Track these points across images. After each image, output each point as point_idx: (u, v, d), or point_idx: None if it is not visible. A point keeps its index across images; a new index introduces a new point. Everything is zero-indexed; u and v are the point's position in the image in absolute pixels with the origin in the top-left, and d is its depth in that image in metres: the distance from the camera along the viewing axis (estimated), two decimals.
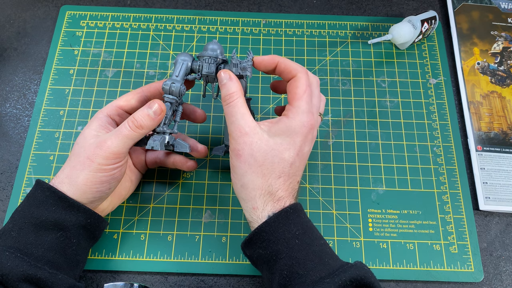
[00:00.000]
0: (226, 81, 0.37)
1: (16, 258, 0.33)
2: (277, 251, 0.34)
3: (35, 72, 0.55)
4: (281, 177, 0.35)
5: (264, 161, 0.35)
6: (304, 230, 0.35)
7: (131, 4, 0.60)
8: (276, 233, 0.34)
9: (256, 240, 0.35)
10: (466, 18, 0.60)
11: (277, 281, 0.34)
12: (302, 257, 0.33)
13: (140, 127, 0.37)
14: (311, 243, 0.34)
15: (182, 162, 0.45)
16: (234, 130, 0.36)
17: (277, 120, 0.37)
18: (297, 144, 0.36)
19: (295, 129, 0.36)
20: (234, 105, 0.36)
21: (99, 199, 0.39)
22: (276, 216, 0.34)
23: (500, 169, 0.51)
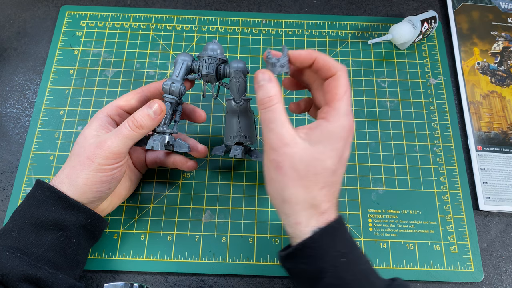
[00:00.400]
0: (264, 83, 0.34)
1: (16, 258, 0.33)
2: (322, 269, 0.32)
3: (35, 72, 0.55)
4: (325, 188, 0.33)
5: (306, 173, 0.32)
6: (351, 247, 0.33)
7: (131, 4, 0.60)
8: (322, 250, 0.32)
9: (299, 255, 0.33)
10: (466, 18, 0.60)
11: None
12: (349, 277, 0.32)
13: (140, 127, 0.37)
14: (357, 261, 0.33)
15: (182, 162, 0.45)
16: (274, 140, 0.33)
17: (316, 125, 0.34)
18: (339, 150, 0.33)
19: (337, 134, 0.33)
20: (275, 110, 0.33)
21: (99, 199, 0.39)
22: (322, 232, 0.32)
23: (500, 169, 0.51)
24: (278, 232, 0.47)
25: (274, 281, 0.45)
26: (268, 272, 0.45)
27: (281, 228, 0.47)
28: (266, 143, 0.34)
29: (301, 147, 0.33)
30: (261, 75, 0.35)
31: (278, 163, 0.33)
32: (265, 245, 0.46)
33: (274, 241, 0.46)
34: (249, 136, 0.44)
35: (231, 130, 0.44)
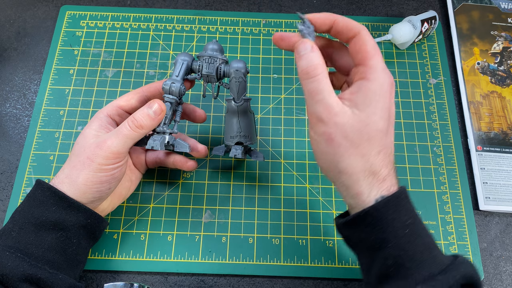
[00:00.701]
0: (306, 52, 0.32)
1: (17, 258, 0.33)
2: (383, 239, 0.31)
3: (35, 72, 0.55)
4: (381, 152, 0.32)
5: (360, 140, 0.31)
6: (414, 219, 0.32)
7: (131, 4, 0.60)
8: (385, 220, 0.31)
9: (359, 222, 0.32)
10: (466, 18, 0.60)
11: (377, 269, 0.32)
12: (412, 249, 0.31)
13: (140, 127, 0.37)
14: (420, 233, 0.32)
15: (182, 162, 0.45)
16: (323, 111, 0.31)
17: (358, 88, 0.32)
18: (386, 107, 0.32)
19: (381, 91, 0.31)
20: (320, 80, 0.31)
21: (99, 199, 0.39)
22: (386, 202, 0.31)
23: (500, 169, 0.51)
24: (278, 232, 0.47)
25: (274, 281, 0.45)
26: (268, 272, 0.45)
27: (281, 228, 0.47)
28: (312, 116, 0.32)
29: (350, 115, 0.31)
30: (302, 45, 0.33)
31: (330, 134, 0.31)
32: (265, 245, 0.46)
33: (274, 241, 0.46)
34: (249, 136, 0.44)
35: (231, 130, 0.44)
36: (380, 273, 0.32)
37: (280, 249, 0.46)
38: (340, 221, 0.34)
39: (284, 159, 0.50)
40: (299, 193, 0.49)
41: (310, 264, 0.45)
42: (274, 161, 0.50)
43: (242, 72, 0.40)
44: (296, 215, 0.48)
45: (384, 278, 0.32)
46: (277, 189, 0.49)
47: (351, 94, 0.32)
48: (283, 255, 0.45)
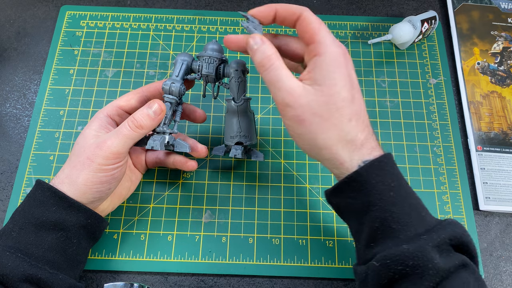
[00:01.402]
0: (258, 46, 0.33)
1: (17, 258, 0.33)
2: (368, 202, 0.32)
3: (35, 72, 0.55)
4: (352, 119, 0.32)
5: (329, 112, 0.32)
6: (400, 182, 0.33)
7: (131, 4, 0.60)
8: (369, 184, 0.32)
9: (345, 189, 0.33)
10: (466, 18, 0.60)
11: (366, 233, 0.32)
12: (397, 210, 0.31)
13: (140, 127, 0.37)
14: (406, 196, 0.32)
15: (182, 162, 0.45)
16: (286, 96, 0.32)
17: (313, 66, 0.33)
18: (345, 75, 0.32)
19: (335, 62, 0.32)
20: (276, 68, 0.33)
21: (99, 199, 0.39)
22: (369, 166, 0.32)
23: (500, 169, 0.51)
24: (278, 232, 0.47)
25: (274, 281, 0.45)
26: (268, 272, 0.45)
27: (281, 228, 0.47)
28: (278, 102, 0.33)
29: (313, 92, 0.32)
30: (252, 40, 0.34)
31: (299, 116, 0.32)
32: (265, 245, 0.46)
33: (274, 241, 0.46)
34: (249, 136, 0.44)
35: (231, 130, 0.44)
36: (368, 237, 0.32)
37: (280, 249, 0.46)
38: (329, 190, 0.35)
39: (284, 159, 0.50)
40: (299, 193, 0.49)
41: (310, 264, 0.45)
42: (274, 161, 0.50)
43: (242, 71, 0.40)
44: (296, 215, 0.48)
45: (371, 241, 0.32)
46: (277, 189, 0.49)
47: (308, 72, 0.33)
48: (283, 255, 0.46)
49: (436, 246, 0.30)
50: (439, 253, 0.30)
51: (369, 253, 0.32)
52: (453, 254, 0.31)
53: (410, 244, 0.30)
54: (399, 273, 0.30)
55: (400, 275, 0.30)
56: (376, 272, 0.31)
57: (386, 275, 0.30)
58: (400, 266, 0.30)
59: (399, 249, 0.30)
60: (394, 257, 0.30)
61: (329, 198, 0.36)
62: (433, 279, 0.29)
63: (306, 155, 0.51)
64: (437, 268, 0.29)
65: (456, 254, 0.31)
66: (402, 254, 0.30)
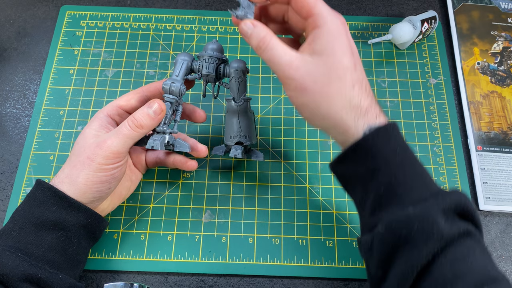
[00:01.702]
0: (251, 31, 0.34)
1: (17, 258, 0.33)
2: (374, 168, 0.32)
3: (35, 72, 0.55)
4: (355, 85, 0.33)
5: (330, 80, 0.32)
6: (405, 149, 0.33)
7: (131, 4, 0.60)
8: (375, 149, 0.32)
9: (351, 156, 0.33)
10: (466, 18, 0.60)
11: (371, 199, 0.32)
12: (402, 175, 0.31)
13: (140, 127, 0.37)
14: (412, 162, 0.33)
15: (182, 162, 0.45)
16: (287, 69, 0.33)
17: (312, 38, 0.33)
18: (346, 44, 0.33)
19: (335, 32, 0.32)
20: (272, 46, 0.33)
21: (99, 199, 0.39)
22: (375, 133, 0.32)
23: (500, 169, 0.51)
24: (278, 232, 0.47)
25: (274, 281, 0.45)
26: (268, 272, 0.45)
27: (281, 228, 0.47)
28: (280, 77, 0.34)
29: (312, 61, 0.33)
30: (244, 26, 0.34)
31: (301, 85, 0.33)
32: (265, 245, 0.46)
33: (274, 241, 0.46)
34: (249, 136, 0.44)
35: (231, 130, 0.44)
36: (373, 203, 0.32)
37: (280, 249, 0.46)
38: (334, 160, 0.35)
39: (284, 159, 0.50)
40: (299, 193, 0.49)
41: (310, 264, 0.45)
42: (274, 161, 0.50)
43: (242, 71, 0.40)
44: (296, 215, 0.48)
45: (377, 208, 0.32)
46: (277, 189, 0.49)
47: (308, 44, 0.33)
48: (283, 255, 0.45)
49: (441, 211, 0.29)
50: (444, 218, 0.29)
51: (374, 219, 0.32)
52: (458, 221, 0.30)
53: (415, 207, 0.30)
54: (403, 237, 0.30)
55: (405, 239, 0.30)
56: (381, 238, 0.31)
57: (390, 240, 0.30)
58: (405, 230, 0.30)
59: (404, 212, 0.30)
60: (398, 221, 0.30)
61: (334, 168, 0.36)
62: (437, 244, 0.29)
63: (306, 155, 0.51)
64: (442, 233, 0.29)
65: (461, 221, 0.30)
66: (407, 218, 0.30)
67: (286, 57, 0.33)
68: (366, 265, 0.34)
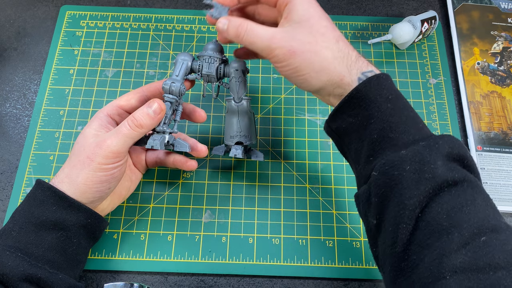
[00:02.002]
0: (227, 24, 0.36)
1: (17, 258, 0.33)
2: (368, 116, 0.32)
3: (35, 72, 0.55)
4: (339, 40, 0.35)
5: (315, 37, 0.34)
6: (397, 95, 0.33)
7: (131, 4, 0.60)
8: (367, 98, 0.32)
9: (346, 108, 0.34)
10: (466, 18, 0.60)
11: (366, 148, 0.33)
12: (395, 120, 0.32)
13: (139, 126, 0.37)
14: (404, 108, 0.33)
15: (182, 162, 0.45)
16: (271, 41, 0.34)
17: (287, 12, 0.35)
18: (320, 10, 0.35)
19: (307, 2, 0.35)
20: (251, 28, 0.35)
21: (99, 198, 0.39)
22: (368, 81, 0.33)
23: (500, 169, 0.51)
24: (278, 232, 0.47)
25: (274, 281, 0.45)
26: (268, 272, 0.45)
27: (281, 228, 0.47)
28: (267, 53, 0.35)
29: (294, 29, 0.34)
30: (219, 23, 0.37)
31: (289, 50, 0.34)
32: (265, 245, 0.46)
33: (274, 241, 0.46)
34: (249, 136, 0.44)
35: (231, 129, 0.44)
36: (368, 151, 0.33)
37: (280, 249, 0.46)
38: (328, 117, 0.36)
39: (284, 159, 0.50)
40: (299, 193, 0.49)
41: (310, 264, 0.45)
42: (274, 161, 0.50)
43: (242, 71, 0.40)
44: (296, 215, 0.47)
45: (371, 156, 0.32)
46: (277, 189, 0.49)
47: (285, 19, 0.35)
48: (283, 255, 0.45)
49: (433, 152, 0.29)
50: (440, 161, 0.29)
51: (368, 167, 0.32)
52: (455, 166, 0.30)
53: (407, 149, 0.30)
54: (395, 179, 0.29)
55: (396, 181, 0.29)
56: (376, 182, 0.31)
57: (383, 183, 0.30)
58: (397, 171, 0.30)
59: (397, 154, 0.30)
60: (391, 163, 0.30)
61: (329, 125, 0.37)
62: (429, 183, 0.28)
63: (306, 155, 0.51)
64: (434, 173, 0.28)
65: (458, 167, 0.30)
66: (399, 159, 0.30)
67: (268, 32, 0.35)
68: (365, 220, 0.34)
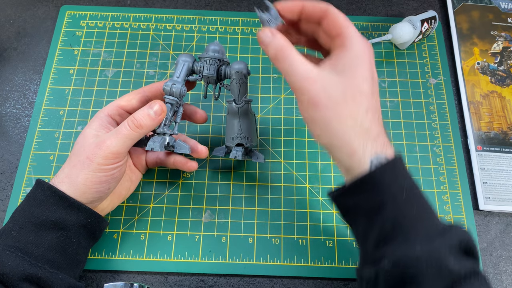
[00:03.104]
0: (269, 39, 0.34)
1: (17, 258, 0.33)
2: (381, 202, 0.31)
3: (35, 72, 0.55)
4: (369, 111, 0.32)
5: (345, 99, 0.32)
6: (411, 184, 0.33)
7: (131, 4, 0.60)
8: (382, 185, 0.31)
9: (356, 190, 0.33)
10: (466, 18, 0.60)
11: (376, 233, 0.32)
12: (409, 211, 0.31)
13: (140, 127, 0.37)
14: (418, 198, 0.32)
15: (183, 163, 0.45)
16: (302, 81, 0.32)
17: (336, 56, 0.33)
18: (368, 71, 0.33)
19: (360, 56, 0.32)
20: (290, 57, 0.33)
21: (99, 199, 0.39)
22: (382, 168, 0.31)
23: (500, 169, 0.51)
24: (278, 232, 0.47)
25: (274, 281, 0.45)
26: (268, 272, 0.45)
27: (281, 228, 0.47)
28: (294, 88, 0.33)
29: (330, 77, 0.32)
30: (262, 34, 0.34)
31: (313, 99, 0.32)
32: (265, 245, 0.46)
33: (274, 241, 0.46)
34: (249, 138, 0.44)
35: (231, 131, 0.44)
36: (378, 237, 0.32)
37: (280, 249, 0.46)
38: (337, 192, 0.35)
39: (284, 159, 0.50)
40: (299, 193, 0.49)
41: (310, 264, 0.45)
42: (274, 161, 0.50)
43: (243, 73, 0.40)
44: (296, 215, 0.48)
45: (382, 241, 0.32)
46: (277, 189, 0.49)
47: (330, 62, 0.33)
48: (283, 255, 0.46)
49: (448, 250, 0.29)
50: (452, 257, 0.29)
51: (378, 253, 0.32)
52: (464, 259, 0.30)
53: (423, 246, 0.30)
54: (411, 276, 0.29)
55: (412, 278, 0.29)
56: (388, 274, 0.31)
57: (398, 278, 0.30)
58: (413, 269, 0.29)
59: (412, 250, 0.30)
60: (407, 259, 0.30)
61: (337, 200, 0.35)
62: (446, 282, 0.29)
63: (306, 155, 0.51)
64: (451, 271, 0.29)
65: (467, 260, 0.30)
66: (415, 256, 0.29)
67: (304, 68, 0.32)
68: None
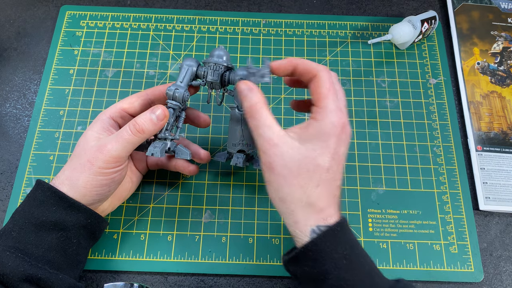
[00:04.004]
0: (246, 93, 0.36)
1: (17, 258, 0.33)
2: (324, 271, 0.32)
3: (35, 72, 0.55)
4: (320, 186, 0.33)
5: (299, 170, 0.33)
6: (352, 249, 0.33)
7: (131, 4, 0.60)
8: (323, 253, 0.32)
9: (301, 258, 0.33)
10: (466, 18, 0.60)
11: None
12: (351, 278, 0.32)
13: (141, 131, 0.37)
14: (359, 262, 0.33)
15: (184, 167, 0.45)
16: (263, 143, 0.34)
17: (306, 125, 0.34)
18: (331, 147, 0.33)
19: (327, 131, 0.33)
20: (259, 117, 0.34)
21: (99, 201, 0.39)
22: (323, 235, 0.32)
23: (500, 169, 0.51)
24: (278, 232, 0.47)
25: (274, 281, 0.45)
26: (268, 272, 0.45)
27: (281, 228, 0.47)
28: (258, 148, 0.35)
29: (291, 146, 0.33)
30: (242, 85, 0.36)
31: (270, 164, 0.34)
32: (265, 245, 0.46)
33: (274, 241, 0.46)
34: (251, 145, 0.44)
35: (233, 137, 0.43)
36: None
37: (280, 249, 0.46)
38: (285, 258, 0.35)
39: None
40: None
41: None
42: None
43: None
44: None
45: None
46: None
47: (299, 128, 0.35)
48: (283, 255, 0.45)
49: None
50: None
51: None
52: None
53: None
54: None
55: None
56: None
57: None
58: None
59: None
60: None
61: (287, 266, 0.36)
62: None
63: None
64: None
65: None
66: None
67: (269, 131, 0.34)
68: None
